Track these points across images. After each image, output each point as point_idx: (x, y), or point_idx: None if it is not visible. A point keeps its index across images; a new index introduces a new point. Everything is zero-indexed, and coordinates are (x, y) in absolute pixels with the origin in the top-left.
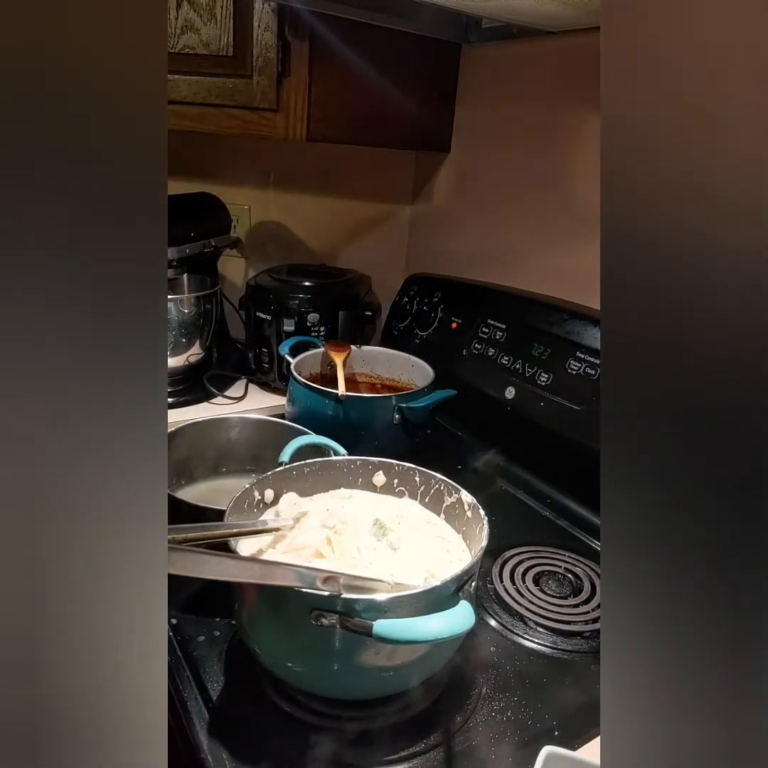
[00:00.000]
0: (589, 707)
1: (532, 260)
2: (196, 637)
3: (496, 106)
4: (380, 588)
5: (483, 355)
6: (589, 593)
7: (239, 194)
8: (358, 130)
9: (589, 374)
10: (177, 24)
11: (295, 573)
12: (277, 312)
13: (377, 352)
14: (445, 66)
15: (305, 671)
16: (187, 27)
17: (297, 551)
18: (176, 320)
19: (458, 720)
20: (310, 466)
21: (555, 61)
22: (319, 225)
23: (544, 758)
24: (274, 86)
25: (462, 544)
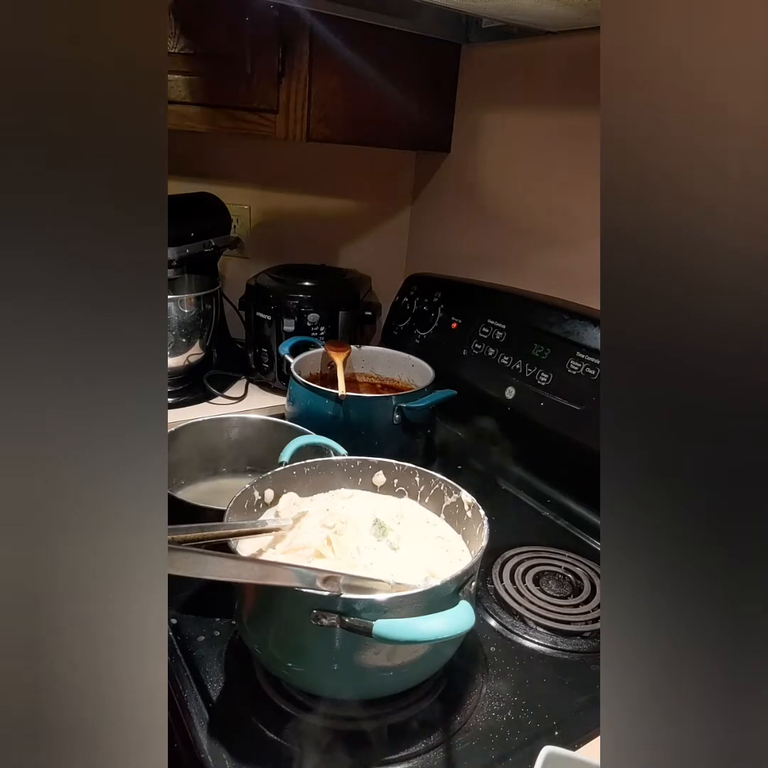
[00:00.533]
0: (589, 707)
1: (532, 260)
2: (196, 637)
3: (496, 106)
4: (380, 588)
5: (483, 355)
6: (589, 593)
7: (239, 194)
8: (358, 130)
9: (589, 374)
10: (177, 24)
11: (295, 573)
12: (277, 312)
13: (377, 352)
14: (445, 66)
15: (305, 671)
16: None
17: (297, 551)
18: (176, 320)
19: (458, 720)
20: (310, 466)
21: (555, 61)
22: (319, 225)
23: (544, 758)
24: (274, 86)
25: (462, 544)
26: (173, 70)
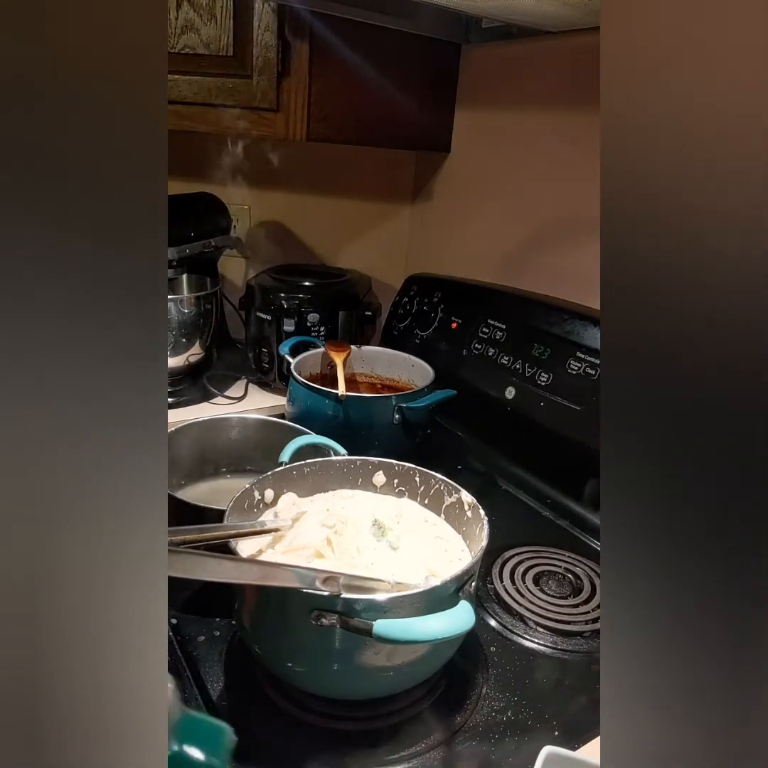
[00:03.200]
0: (589, 707)
1: (532, 260)
2: (196, 637)
3: (496, 106)
4: (380, 587)
5: (483, 355)
6: (589, 593)
7: (239, 194)
8: (358, 130)
9: (589, 374)
10: (177, 24)
11: (294, 574)
12: (277, 312)
13: (377, 352)
14: (445, 66)
15: (305, 671)
16: (187, 27)
17: (297, 551)
18: (176, 320)
19: (458, 720)
20: (310, 466)
21: (555, 61)
22: (319, 225)
23: (544, 758)
24: (274, 86)
25: (461, 544)
26: (173, 70)
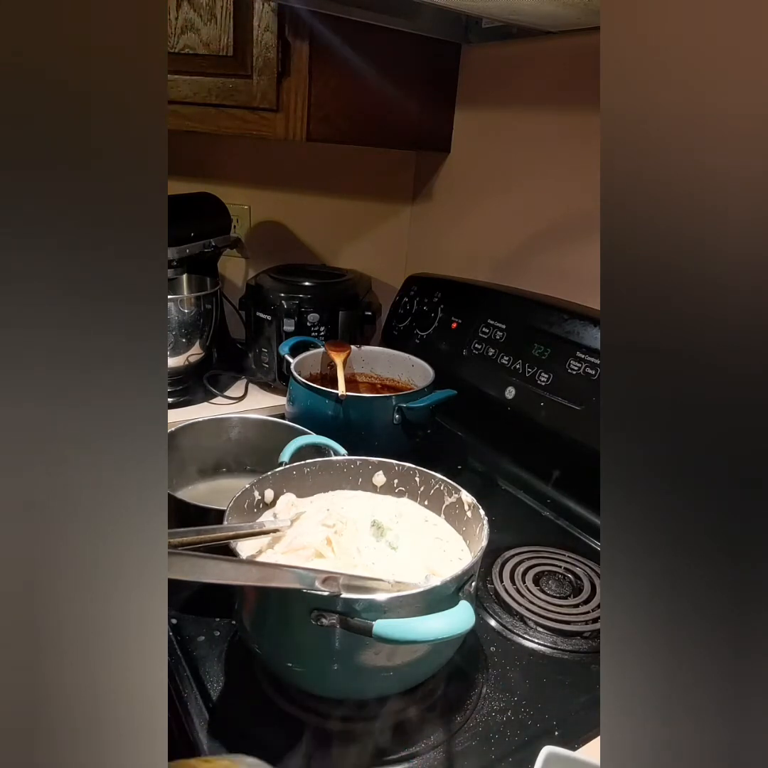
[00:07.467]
0: (589, 707)
1: (532, 260)
2: (196, 637)
3: (496, 106)
4: (380, 587)
5: (483, 355)
6: (589, 593)
7: (239, 194)
8: (358, 130)
9: (589, 374)
10: (177, 24)
11: (294, 574)
12: (277, 312)
13: (377, 352)
14: (445, 66)
15: (305, 671)
16: (187, 27)
17: (297, 552)
18: (176, 320)
19: (458, 720)
20: (310, 466)
21: (555, 61)
22: (319, 225)
23: (544, 758)
24: (274, 86)
25: (461, 544)
26: (173, 70)
